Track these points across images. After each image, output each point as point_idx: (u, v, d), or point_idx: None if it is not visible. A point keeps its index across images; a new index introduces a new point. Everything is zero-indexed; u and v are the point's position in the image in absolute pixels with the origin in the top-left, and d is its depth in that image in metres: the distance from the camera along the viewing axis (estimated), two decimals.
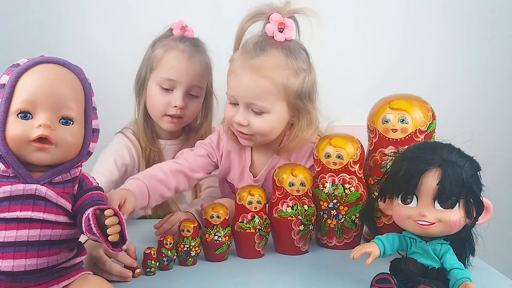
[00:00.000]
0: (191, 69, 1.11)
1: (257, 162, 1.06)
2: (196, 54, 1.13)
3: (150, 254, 0.80)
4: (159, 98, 1.12)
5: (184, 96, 1.12)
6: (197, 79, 1.12)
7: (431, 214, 0.69)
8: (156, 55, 1.12)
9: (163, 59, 1.11)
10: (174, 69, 1.10)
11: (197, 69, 1.12)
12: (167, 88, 1.11)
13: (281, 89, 0.93)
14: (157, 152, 1.18)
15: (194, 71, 1.12)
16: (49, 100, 0.63)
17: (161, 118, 1.14)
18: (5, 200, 0.61)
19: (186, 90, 1.12)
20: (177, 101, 1.11)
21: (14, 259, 0.60)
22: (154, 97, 1.13)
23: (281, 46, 0.93)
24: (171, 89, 1.11)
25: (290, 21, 0.95)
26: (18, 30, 1.43)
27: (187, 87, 1.12)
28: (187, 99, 1.13)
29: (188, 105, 1.14)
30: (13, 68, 0.65)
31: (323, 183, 0.92)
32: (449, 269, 0.69)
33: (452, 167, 0.68)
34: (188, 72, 1.11)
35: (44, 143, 0.62)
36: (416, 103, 0.88)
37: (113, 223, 0.59)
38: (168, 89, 1.11)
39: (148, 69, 1.14)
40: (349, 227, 0.91)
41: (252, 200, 0.87)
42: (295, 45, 0.96)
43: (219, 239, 0.85)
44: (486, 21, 1.49)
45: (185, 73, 1.11)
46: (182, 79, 1.11)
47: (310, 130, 0.98)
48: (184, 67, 1.10)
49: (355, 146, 0.91)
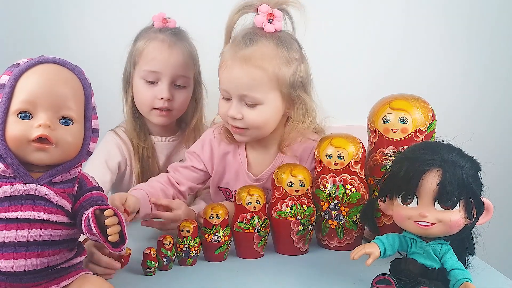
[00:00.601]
0: (172, 58, 1.09)
1: (256, 161, 1.04)
2: (177, 42, 1.10)
3: (150, 254, 0.79)
4: (144, 92, 1.10)
5: (170, 87, 1.09)
6: (180, 68, 1.10)
7: (432, 214, 0.69)
8: (137, 48, 1.11)
9: (144, 51, 1.09)
10: (155, 60, 1.08)
11: (179, 58, 1.10)
12: (152, 81, 1.09)
13: (273, 79, 0.92)
14: (150, 149, 1.16)
15: (176, 60, 1.09)
16: (49, 100, 0.63)
17: (150, 113, 1.12)
18: (4, 200, 0.61)
19: (171, 81, 1.10)
20: (163, 93, 1.08)
21: (14, 259, 0.60)
22: (139, 92, 1.11)
23: (271, 36, 0.93)
24: (155, 81, 1.09)
25: (279, 12, 0.95)
26: (17, 30, 1.43)
27: (172, 78, 1.09)
28: (174, 90, 1.11)
29: (175, 97, 1.11)
30: (13, 68, 0.65)
31: (324, 184, 0.91)
32: (449, 270, 0.69)
33: (453, 167, 0.68)
34: (170, 62, 1.08)
35: (44, 143, 0.62)
36: (416, 103, 0.88)
37: (113, 223, 0.59)
38: (153, 82, 1.09)
39: (132, 64, 1.12)
40: (350, 228, 0.91)
41: (251, 200, 0.87)
42: (286, 36, 0.96)
43: (218, 239, 0.85)
44: (486, 21, 1.49)
45: (167, 64, 1.08)
46: (165, 70, 1.08)
47: (307, 120, 0.97)
48: (165, 57, 1.08)
49: (356, 146, 0.91)
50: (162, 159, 1.19)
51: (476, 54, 1.50)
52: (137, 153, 1.15)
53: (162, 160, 1.19)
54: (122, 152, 1.14)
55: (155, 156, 1.17)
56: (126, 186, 1.17)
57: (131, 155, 1.15)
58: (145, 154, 1.15)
